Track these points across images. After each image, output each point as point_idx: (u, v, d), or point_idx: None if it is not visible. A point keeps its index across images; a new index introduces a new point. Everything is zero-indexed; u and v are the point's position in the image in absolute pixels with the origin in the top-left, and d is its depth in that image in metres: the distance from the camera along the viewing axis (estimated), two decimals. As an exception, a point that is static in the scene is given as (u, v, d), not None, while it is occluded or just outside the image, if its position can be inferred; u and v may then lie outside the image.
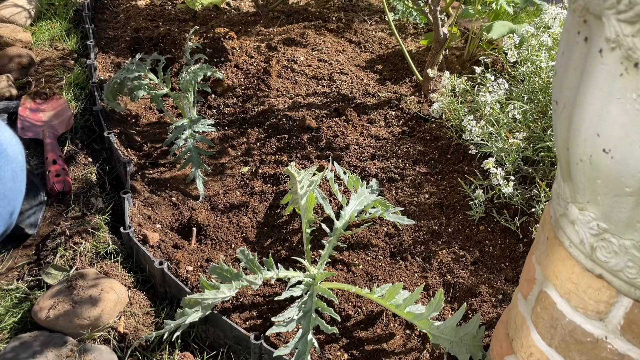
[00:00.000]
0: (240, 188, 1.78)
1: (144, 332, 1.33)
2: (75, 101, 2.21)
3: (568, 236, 0.78)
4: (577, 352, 0.80)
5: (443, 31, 2.04)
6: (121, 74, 1.91)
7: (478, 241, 1.53)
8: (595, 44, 0.62)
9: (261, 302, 1.40)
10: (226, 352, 1.31)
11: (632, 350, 0.73)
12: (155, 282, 1.46)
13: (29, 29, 2.78)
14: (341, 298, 1.39)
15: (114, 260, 1.53)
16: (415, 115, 2.06)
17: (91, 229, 1.59)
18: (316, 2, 3.08)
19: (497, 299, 1.37)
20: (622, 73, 0.59)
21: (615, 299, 0.72)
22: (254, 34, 2.66)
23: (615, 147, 0.62)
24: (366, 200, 1.51)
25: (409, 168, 1.79)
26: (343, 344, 1.30)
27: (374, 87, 2.24)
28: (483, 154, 1.68)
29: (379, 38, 2.70)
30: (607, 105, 0.61)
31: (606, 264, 0.72)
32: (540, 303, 0.86)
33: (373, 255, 1.51)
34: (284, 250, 1.54)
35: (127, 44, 2.69)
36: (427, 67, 2.13)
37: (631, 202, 0.64)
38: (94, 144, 2.06)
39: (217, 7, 2.99)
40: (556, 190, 0.81)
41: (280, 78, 2.27)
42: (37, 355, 1.22)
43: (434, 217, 1.61)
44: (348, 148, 1.90)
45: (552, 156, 1.57)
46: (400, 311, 1.24)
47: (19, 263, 1.53)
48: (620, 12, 0.56)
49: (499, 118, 1.68)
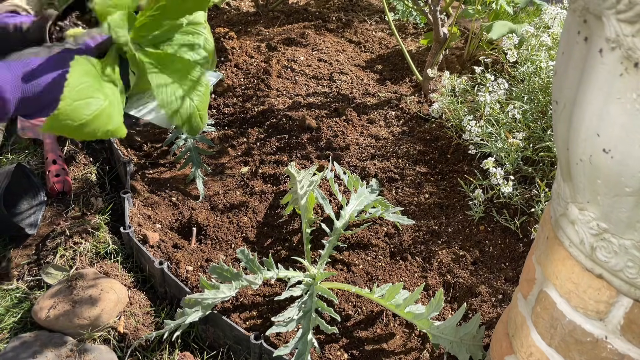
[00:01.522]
0: (240, 188, 1.78)
1: (144, 332, 1.33)
2: (75, 101, 2.21)
3: (568, 236, 0.78)
4: (577, 352, 0.80)
5: (443, 31, 2.04)
6: (121, 73, 1.91)
7: (478, 241, 1.53)
8: (595, 43, 0.62)
9: (261, 302, 1.40)
10: (226, 352, 1.31)
11: (632, 350, 0.73)
12: (155, 282, 1.46)
13: (28, 29, 2.77)
14: (341, 298, 1.39)
15: (113, 260, 1.53)
16: (415, 115, 2.06)
17: (91, 228, 1.59)
18: (316, 2, 3.08)
19: (497, 299, 1.37)
20: (622, 73, 0.59)
21: (615, 299, 0.72)
22: (254, 33, 2.66)
23: (615, 147, 0.62)
24: (366, 200, 1.51)
25: (409, 168, 1.79)
26: (343, 344, 1.31)
27: (374, 87, 2.24)
28: (483, 154, 1.68)
29: (379, 38, 2.70)
30: (607, 105, 0.61)
31: (606, 264, 0.72)
32: (540, 303, 0.86)
33: (373, 255, 1.51)
34: (284, 250, 1.54)
35: (127, 43, 2.69)
36: (427, 67, 2.13)
37: (631, 202, 0.64)
38: (94, 144, 2.06)
39: (217, 7, 2.99)
40: (556, 190, 0.81)
41: (280, 78, 2.27)
42: (37, 355, 1.22)
43: (434, 217, 1.61)
44: (348, 148, 1.90)
45: (552, 156, 1.57)
46: (400, 311, 1.24)
47: (19, 263, 1.53)
48: (620, 12, 0.56)
49: (498, 118, 1.68)
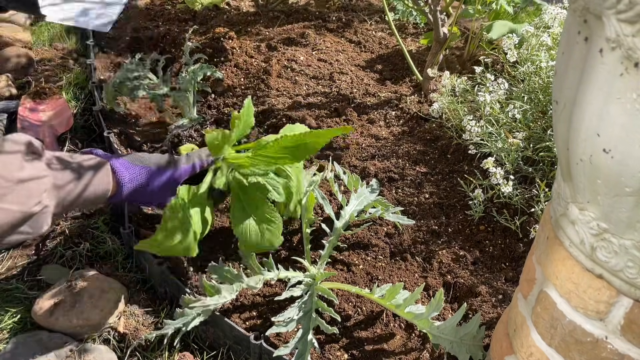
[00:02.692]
0: (240, 188, 1.78)
1: (143, 332, 1.33)
2: (75, 101, 2.20)
3: (568, 236, 0.77)
4: (577, 352, 0.80)
5: (443, 31, 2.04)
6: (121, 73, 1.91)
7: (478, 241, 1.53)
8: (596, 43, 0.62)
9: (261, 302, 1.40)
10: (226, 352, 1.31)
11: (632, 350, 0.73)
12: (155, 282, 1.46)
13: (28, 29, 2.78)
14: (341, 298, 1.39)
15: (113, 260, 1.53)
16: (415, 115, 2.05)
17: (91, 229, 1.59)
18: (316, 2, 3.08)
19: (497, 299, 1.37)
20: (622, 73, 0.59)
21: (615, 299, 0.72)
22: (254, 33, 2.66)
23: (616, 147, 0.62)
24: (366, 200, 1.51)
25: (409, 168, 1.79)
26: (343, 344, 1.30)
27: (374, 87, 2.24)
28: (483, 154, 1.68)
29: (379, 38, 2.70)
30: (607, 105, 0.61)
31: (606, 264, 0.72)
32: (540, 303, 0.86)
33: (373, 255, 1.51)
34: (284, 250, 1.54)
35: (126, 43, 2.69)
36: (427, 67, 2.13)
37: (631, 202, 0.64)
38: (94, 144, 2.06)
39: (217, 7, 2.98)
40: (556, 190, 0.81)
41: (280, 78, 2.27)
42: (37, 355, 1.22)
43: (434, 217, 1.61)
44: (348, 148, 1.90)
45: (552, 156, 1.57)
46: (401, 311, 1.24)
47: (19, 263, 1.53)
48: (621, 11, 0.56)
49: (498, 118, 1.68)
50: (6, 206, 0.89)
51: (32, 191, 0.93)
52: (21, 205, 0.91)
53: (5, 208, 0.89)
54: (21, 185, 0.91)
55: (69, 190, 1.03)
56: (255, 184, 1.29)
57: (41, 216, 0.96)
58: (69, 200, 1.04)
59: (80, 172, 1.06)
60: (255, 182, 1.29)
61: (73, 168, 1.05)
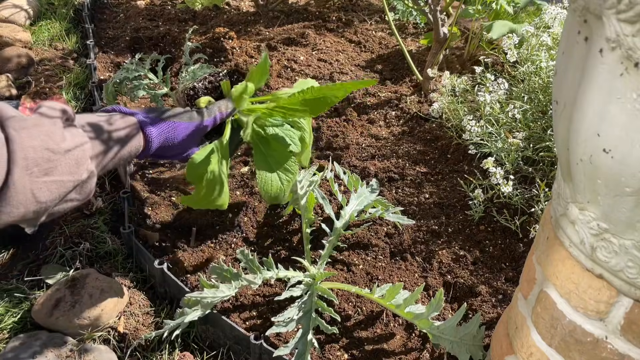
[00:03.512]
0: (240, 188, 1.78)
1: (143, 332, 1.33)
2: (75, 101, 2.20)
3: (568, 236, 0.77)
4: (578, 352, 0.80)
5: (443, 31, 2.04)
6: (121, 73, 1.91)
7: (478, 241, 1.53)
8: (596, 43, 0.62)
9: (261, 302, 1.40)
10: (226, 352, 1.31)
11: (632, 350, 0.73)
12: (155, 282, 1.46)
13: (28, 29, 2.78)
14: (341, 298, 1.39)
15: (113, 260, 1.53)
16: (415, 115, 2.05)
17: (91, 228, 1.59)
18: (316, 2, 3.08)
19: (497, 299, 1.37)
20: (622, 73, 0.59)
21: (615, 299, 0.72)
22: (254, 33, 2.66)
23: (616, 147, 0.62)
24: (366, 200, 1.51)
25: (409, 168, 1.79)
26: (343, 344, 1.30)
27: (374, 87, 2.24)
28: (483, 154, 1.68)
29: (379, 38, 2.70)
30: (608, 105, 0.61)
31: (606, 264, 0.72)
32: (540, 303, 0.86)
33: (373, 255, 1.51)
34: (284, 250, 1.54)
35: (126, 43, 2.69)
36: (427, 67, 2.13)
37: (631, 202, 0.64)
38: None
39: (217, 7, 2.99)
40: (556, 190, 0.81)
41: (280, 78, 2.27)
42: (37, 355, 1.22)
43: (434, 217, 1.61)
44: (348, 148, 1.90)
45: (552, 156, 1.57)
46: (401, 311, 1.24)
47: (19, 263, 1.53)
48: (621, 11, 0.56)
49: (498, 118, 1.68)
50: (59, 178, 0.91)
51: (79, 159, 0.94)
52: (72, 175, 0.93)
53: (58, 180, 0.91)
54: (69, 155, 0.93)
55: (106, 153, 1.06)
56: (274, 135, 1.33)
57: (88, 181, 0.98)
58: (106, 161, 1.07)
59: (114, 134, 1.08)
60: (274, 133, 1.33)
61: (106, 130, 1.06)
